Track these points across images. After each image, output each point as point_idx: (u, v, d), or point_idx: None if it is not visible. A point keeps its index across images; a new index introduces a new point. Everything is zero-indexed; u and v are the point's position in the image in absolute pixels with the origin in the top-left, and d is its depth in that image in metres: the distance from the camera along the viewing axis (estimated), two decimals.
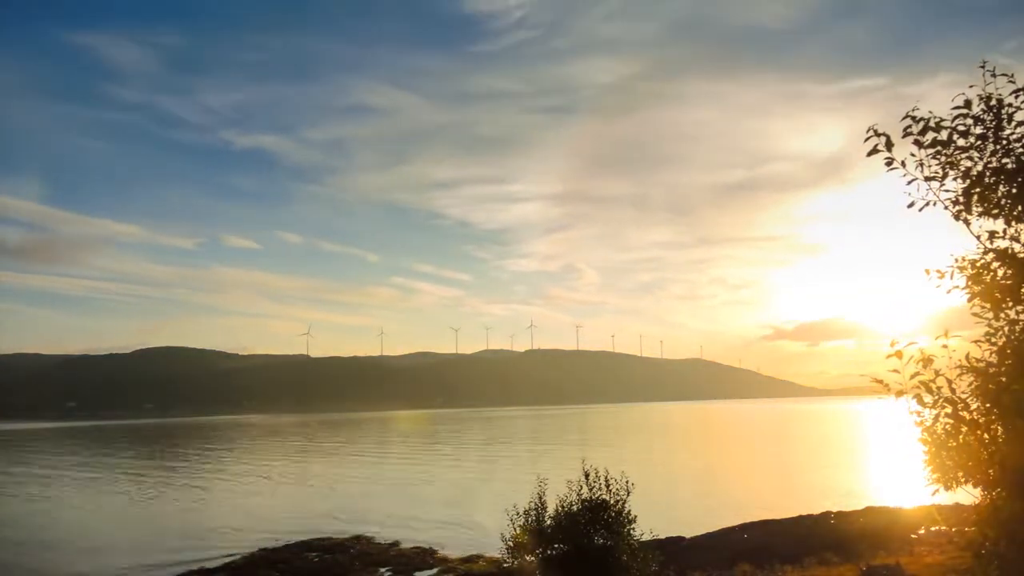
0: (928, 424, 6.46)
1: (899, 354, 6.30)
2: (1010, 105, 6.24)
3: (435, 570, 30.62)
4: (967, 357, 6.40)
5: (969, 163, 6.42)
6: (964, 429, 6.35)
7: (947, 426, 6.40)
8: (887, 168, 6.56)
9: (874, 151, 6.51)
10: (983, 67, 6.29)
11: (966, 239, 6.56)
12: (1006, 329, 6.40)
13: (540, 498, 15.60)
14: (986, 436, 6.29)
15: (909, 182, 6.56)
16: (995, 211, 6.40)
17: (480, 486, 58.09)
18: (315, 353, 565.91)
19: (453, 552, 33.23)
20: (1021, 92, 6.21)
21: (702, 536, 29.63)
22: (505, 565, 16.80)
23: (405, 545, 35.10)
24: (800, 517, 30.54)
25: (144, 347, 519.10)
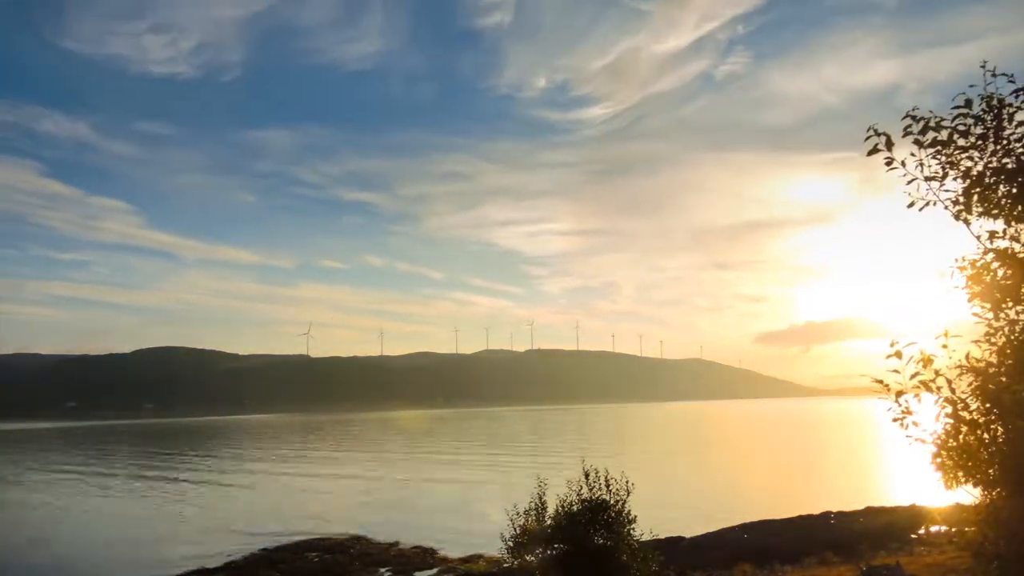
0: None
1: (899, 354, 6.31)
2: (1011, 105, 6.24)
3: (435, 570, 30.61)
4: (967, 357, 6.40)
5: (969, 163, 6.42)
6: (964, 429, 6.36)
7: (947, 426, 6.41)
8: (887, 168, 6.55)
9: (874, 150, 6.51)
10: (984, 66, 6.28)
11: (966, 239, 6.56)
12: (1006, 329, 6.40)
13: (540, 498, 15.59)
14: (986, 436, 6.29)
15: (909, 182, 6.55)
16: (995, 211, 6.40)
17: (480, 486, 58.08)
18: (315, 353, 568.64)
19: (453, 552, 33.21)
20: (1022, 92, 6.21)
21: (702, 536, 29.59)
22: (505, 565, 16.80)
23: (405, 545, 35.09)
24: (800, 517, 30.50)
25: (144, 347, 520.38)
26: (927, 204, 6.57)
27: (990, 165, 6.34)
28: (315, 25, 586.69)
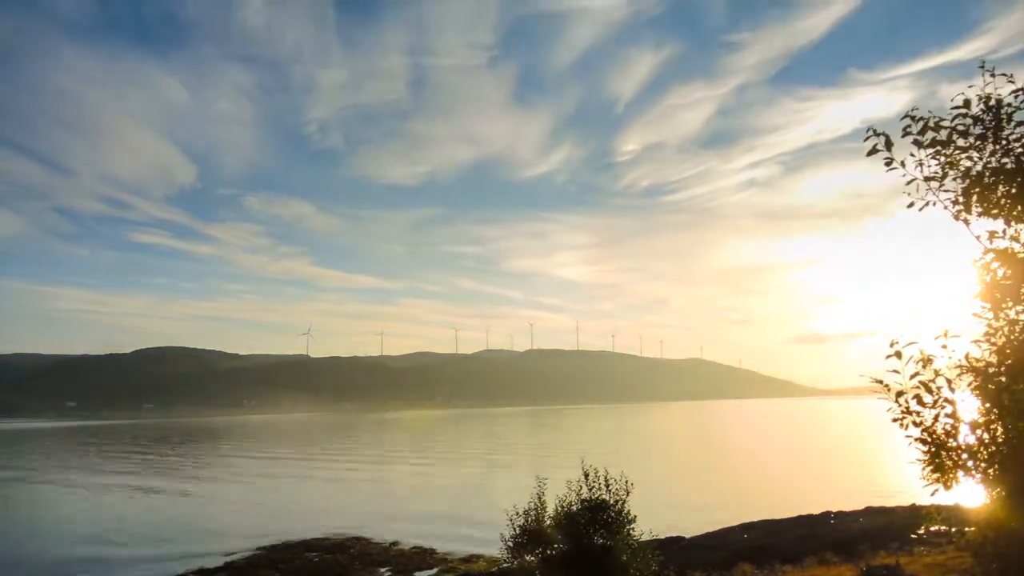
0: (928, 424, 6.47)
1: (899, 354, 6.31)
2: (1009, 105, 6.24)
3: (435, 570, 30.65)
4: (967, 357, 6.40)
5: (969, 163, 6.42)
6: (964, 429, 6.35)
7: (947, 426, 6.41)
8: (887, 168, 6.55)
9: (873, 151, 6.51)
10: (982, 67, 6.29)
11: (966, 239, 6.57)
12: (1006, 329, 6.40)
13: (540, 498, 15.58)
14: (986, 436, 6.29)
15: (908, 182, 6.56)
16: (995, 211, 6.40)
17: (480, 486, 58.10)
18: (315, 353, 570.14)
19: (453, 552, 33.25)
20: (1020, 92, 6.21)
21: (702, 536, 29.62)
22: (505, 565, 16.80)
23: (405, 545, 35.14)
24: (800, 517, 30.51)
25: (144, 347, 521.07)
26: (926, 204, 6.57)
27: (989, 165, 6.34)
28: (519, 160, 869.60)
